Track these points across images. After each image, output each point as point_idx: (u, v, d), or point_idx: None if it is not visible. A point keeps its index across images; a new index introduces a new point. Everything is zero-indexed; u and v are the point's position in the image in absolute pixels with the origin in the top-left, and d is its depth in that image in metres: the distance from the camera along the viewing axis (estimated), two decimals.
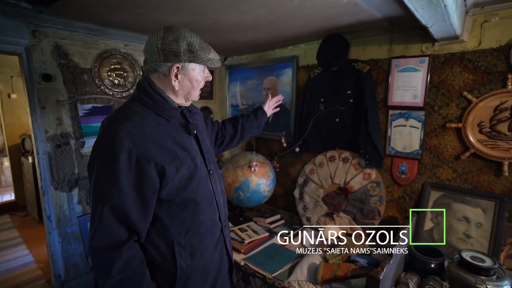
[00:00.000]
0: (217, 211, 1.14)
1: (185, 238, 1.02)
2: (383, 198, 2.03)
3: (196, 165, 1.03)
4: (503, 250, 1.61)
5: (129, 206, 0.89)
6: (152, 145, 0.92)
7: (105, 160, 0.89)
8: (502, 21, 1.57)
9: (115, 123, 0.91)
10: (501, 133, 1.60)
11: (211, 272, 1.12)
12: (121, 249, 0.89)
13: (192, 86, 1.02)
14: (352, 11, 1.56)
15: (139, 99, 1.00)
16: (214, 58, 1.03)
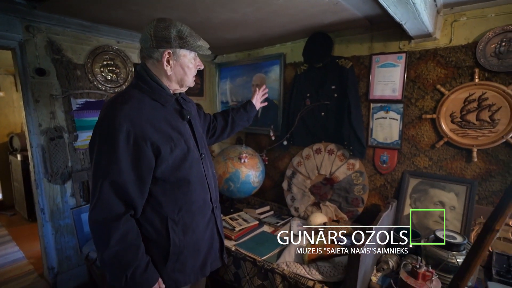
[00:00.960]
0: (208, 192, 1.21)
1: (178, 215, 1.10)
2: (366, 187, 2.15)
3: (189, 148, 1.12)
4: (474, 230, 1.75)
5: (127, 182, 0.97)
6: (149, 127, 1.00)
7: (105, 139, 0.96)
8: (469, 21, 1.72)
9: (115, 107, 0.99)
10: (470, 122, 1.75)
11: (203, 249, 1.20)
12: (119, 221, 0.97)
13: (184, 72, 1.10)
14: (334, 9, 1.67)
15: (137, 86, 1.08)
16: (203, 45, 1.11)
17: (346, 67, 2.13)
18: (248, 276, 1.74)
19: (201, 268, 1.21)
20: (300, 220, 2.27)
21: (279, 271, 1.59)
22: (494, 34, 1.63)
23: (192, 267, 1.17)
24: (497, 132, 1.68)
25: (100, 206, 0.96)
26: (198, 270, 1.20)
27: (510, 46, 1.59)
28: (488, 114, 1.69)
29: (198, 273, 1.20)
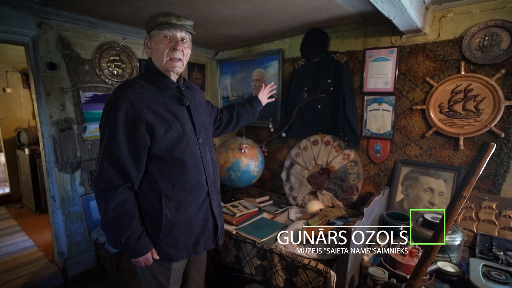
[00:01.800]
0: (203, 174, 1.28)
1: (172, 192, 1.19)
2: (361, 176, 2.26)
3: (184, 131, 1.20)
4: (460, 214, 1.86)
5: (123, 155, 1.09)
6: (146, 109, 1.12)
7: (108, 117, 1.10)
8: (456, 16, 1.83)
9: (120, 90, 1.14)
10: (457, 112, 1.86)
11: (195, 228, 1.28)
12: (116, 191, 1.10)
13: (156, 51, 1.15)
14: (328, 6, 1.78)
15: (143, 74, 1.22)
16: (162, 19, 1.10)
17: (341, 61, 2.24)
18: (248, 257, 1.85)
19: (193, 246, 1.28)
20: (298, 208, 2.38)
21: (277, 251, 1.70)
22: (478, 29, 1.73)
23: (184, 243, 1.25)
24: (481, 121, 1.78)
25: (101, 176, 1.09)
26: (191, 247, 1.28)
27: (492, 40, 1.69)
28: (473, 104, 1.80)
29: (190, 250, 1.28)
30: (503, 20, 1.66)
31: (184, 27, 1.15)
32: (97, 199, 1.14)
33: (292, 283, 1.66)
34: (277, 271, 1.71)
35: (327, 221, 1.82)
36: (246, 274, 1.86)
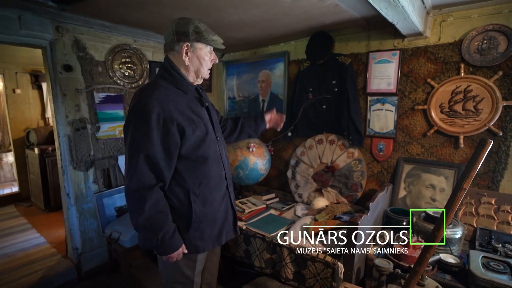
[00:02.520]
0: (223, 170, 1.36)
1: (199, 189, 1.27)
2: (365, 173, 2.35)
3: (207, 130, 1.28)
4: (461, 209, 1.94)
5: (158, 156, 1.15)
6: (175, 110, 1.18)
7: (140, 120, 1.13)
8: (455, 21, 1.92)
9: (147, 93, 1.17)
10: (457, 112, 1.94)
11: (219, 220, 1.36)
12: (151, 191, 1.15)
13: (200, 63, 1.25)
14: (334, 11, 1.87)
15: (162, 76, 1.25)
16: (217, 40, 1.26)
17: (345, 63, 2.32)
18: (258, 251, 1.93)
19: (217, 237, 1.37)
20: (303, 205, 2.46)
21: (287, 244, 1.78)
22: (477, 33, 1.82)
23: (209, 235, 1.33)
24: (480, 120, 1.87)
25: (136, 177, 1.13)
26: (215, 239, 1.36)
27: (490, 43, 1.78)
28: (472, 104, 1.89)
29: (214, 241, 1.36)
30: (500, 25, 1.75)
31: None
32: (132, 199, 1.16)
33: (301, 275, 1.74)
34: (286, 264, 1.79)
35: (334, 216, 1.91)
36: (256, 268, 1.94)
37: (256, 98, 3.00)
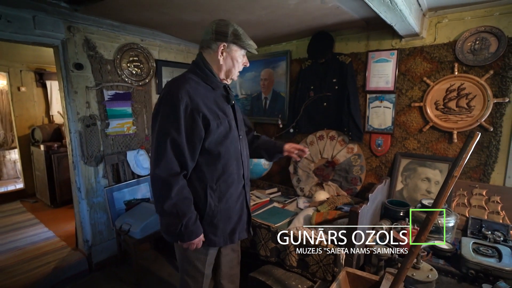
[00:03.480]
0: (242, 168, 1.38)
1: (216, 184, 1.32)
2: (364, 167, 2.46)
3: (231, 127, 1.33)
4: (454, 200, 2.06)
5: (183, 145, 1.20)
6: (202, 103, 1.23)
7: (169, 109, 1.19)
8: (450, 22, 2.02)
9: (177, 85, 1.22)
10: (451, 109, 2.06)
11: (233, 218, 1.40)
12: (178, 177, 1.21)
13: (232, 64, 1.30)
14: (335, 13, 1.97)
15: (193, 71, 1.32)
16: (252, 45, 1.31)
17: (345, 62, 2.43)
18: (263, 241, 2.04)
19: (230, 235, 1.38)
20: (305, 198, 2.57)
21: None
22: (470, 34, 1.93)
23: (222, 232, 1.35)
24: (473, 117, 1.98)
25: (164, 164, 1.18)
26: (227, 236, 1.38)
27: (482, 44, 1.89)
28: (465, 101, 2.00)
29: (227, 238, 1.40)
30: (491, 27, 1.86)
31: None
32: (158, 186, 1.20)
33: (305, 262, 1.84)
34: (291, 252, 1.89)
35: (335, 207, 2.01)
36: (261, 257, 2.04)
37: (259, 96, 3.10)
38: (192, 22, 2.20)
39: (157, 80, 2.78)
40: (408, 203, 2.09)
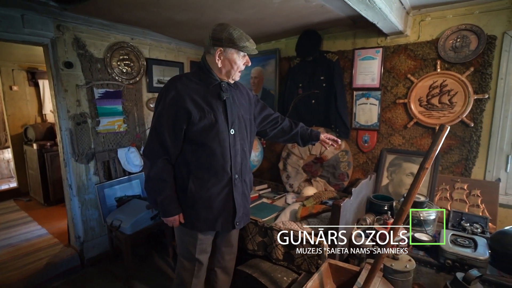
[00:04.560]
0: (228, 162, 1.42)
1: (200, 171, 1.40)
2: (351, 163, 2.51)
3: (217, 121, 1.38)
4: (437, 194, 2.12)
5: (165, 132, 1.35)
6: (188, 98, 1.33)
7: (159, 101, 1.38)
8: (433, 20, 2.07)
9: (171, 80, 1.40)
10: (434, 105, 2.11)
11: (215, 207, 1.45)
12: (157, 160, 1.37)
13: (231, 66, 1.37)
14: (320, 11, 2.00)
15: (194, 71, 1.46)
16: (249, 46, 1.36)
17: (333, 60, 2.47)
18: (250, 235, 2.08)
19: (212, 222, 1.46)
20: (294, 194, 2.62)
21: (277, 228, 1.93)
22: (452, 32, 1.98)
23: (205, 218, 1.45)
24: (454, 113, 2.04)
25: (148, 146, 1.40)
26: (210, 223, 1.47)
27: (463, 42, 1.95)
28: (447, 98, 2.05)
29: (210, 225, 1.48)
30: (471, 25, 1.91)
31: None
32: (144, 165, 1.46)
33: (290, 255, 1.89)
34: (277, 245, 1.94)
35: (320, 201, 2.06)
36: (249, 250, 2.08)
37: None
38: (182, 21, 2.23)
39: (148, 78, 2.80)
40: (392, 198, 2.14)
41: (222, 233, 1.64)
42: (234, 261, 1.77)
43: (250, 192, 1.64)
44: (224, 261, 1.71)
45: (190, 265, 1.54)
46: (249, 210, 1.64)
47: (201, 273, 1.58)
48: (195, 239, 1.48)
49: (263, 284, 1.81)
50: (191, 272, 1.53)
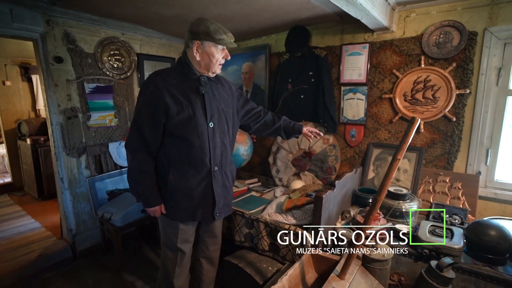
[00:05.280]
0: (207, 154, 1.46)
1: (179, 163, 1.44)
2: (338, 157, 2.55)
3: (195, 114, 1.41)
4: (421, 187, 2.17)
5: (144, 126, 1.39)
6: (167, 93, 1.36)
7: (139, 96, 1.43)
8: (418, 16, 2.10)
9: (150, 76, 1.43)
10: (418, 100, 2.15)
11: (195, 198, 1.48)
12: (138, 153, 1.42)
13: (209, 59, 1.40)
14: (306, 7, 2.03)
15: (174, 66, 1.50)
16: (226, 39, 1.38)
17: (321, 55, 2.50)
18: (238, 227, 2.13)
19: (192, 213, 1.50)
20: (283, 188, 2.66)
21: (263, 220, 1.98)
22: (435, 28, 2.02)
23: (185, 208, 1.49)
24: (438, 108, 2.08)
25: (129, 139, 1.44)
26: (190, 213, 1.50)
27: (446, 37, 1.98)
28: (431, 93, 2.09)
29: (190, 215, 1.51)
30: (454, 21, 1.94)
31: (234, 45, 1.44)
32: (126, 157, 1.51)
33: (275, 246, 1.94)
34: (263, 237, 1.99)
35: (306, 194, 2.11)
36: (236, 242, 2.14)
37: (240, 89, 3.17)
38: (169, 17, 2.25)
39: (139, 73, 2.83)
40: (377, 191, 2.19)
41: (204, 223, 1.68)
42: (218, 252, 1.82)
43: (232, 184, 1.67)
44: (209, 252, 1.76)
45: (172, 254, 1.58)
46: (230, 202, 1.68)
47: (184, 262, 1.62)
48: (177, 229, 1.53)
49: (248, 273, 1.86)
50: (174, 261, 1.58)
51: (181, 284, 1.64)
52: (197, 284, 1.83)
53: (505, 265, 1.49)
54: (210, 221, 1.64)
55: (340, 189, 1.96)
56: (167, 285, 1.63)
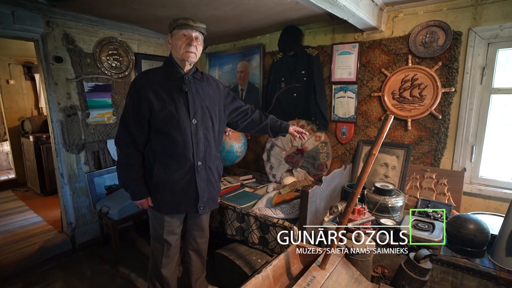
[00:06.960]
0: (190, 150, 1.52)
1: (163, 158, 1.52)
2: (330, 154, 2.61)
3: (177, 111, 1.48)
4: (408, 183, 2.22)
5: (131, 122, 1.47)
6: (151, 91, 1.45)
7: (127, 94, 1.52)
8: (405, 17, 2.15)
9: (137, 75, 1.54)
10: (406, 98, 2.20)
11: (178, 191, 1.55)
12: (125, 148, 1.51)
13: (176, 46, 1.46)
14: (296, 7, 2.09)
15: (161, 67, 1.57)
16: (182, 21, 1.42)
17: (312, 54, 2.56)
18: (229, 221, 2.20)
19: (176, 205, 1.57)
20: (275, 184, 2.73)
21: (253, 214, 2.05)
22: (422, 28, 2.06)
23: (168, 201, 1.55)
24: (424, 106, 2.13)
25: (117, 135, 1.53)
26: (174, 206, 1.57)
27: (432, 37, 2.03)
28: (418, 91, 2.14)
29: (173, 208, 1.57)
30: (440, 21, 1.99)
31: (198, 28, 1.46)
32: (116, 152, 1.59)
33: (265, 239, 2.01)
34: (253, 230, 2.06)
35: (295, 189, 2.17)
36: (228, 235, 2.21)
37: (236, 87, 3.24)
38: (163, 17, 2.32)
39: (137, 72, 2.91)
40: (366, 186, 2.25)
41: (192, 217, 1.76)
42: (206, 244, 1.89)
43: (218, 179, 1.73)
44: (197, 244, 1.83)
45: (159, 245, 1.66)
46: (216, 196, 1.73)
47: (171, 253, 1.68)
48: (163, 221, 1.61)
49: (238, 265, 1.94)
50: (161, 252, 1.65)
51: (169, 274, 1.72)
52: (187, 275, 1.91)
53: (482, 258, 1.55)
54: (195, 214, 1.71)
55: (327, 184, 2.03)
56: (156, 275, 1.71)
